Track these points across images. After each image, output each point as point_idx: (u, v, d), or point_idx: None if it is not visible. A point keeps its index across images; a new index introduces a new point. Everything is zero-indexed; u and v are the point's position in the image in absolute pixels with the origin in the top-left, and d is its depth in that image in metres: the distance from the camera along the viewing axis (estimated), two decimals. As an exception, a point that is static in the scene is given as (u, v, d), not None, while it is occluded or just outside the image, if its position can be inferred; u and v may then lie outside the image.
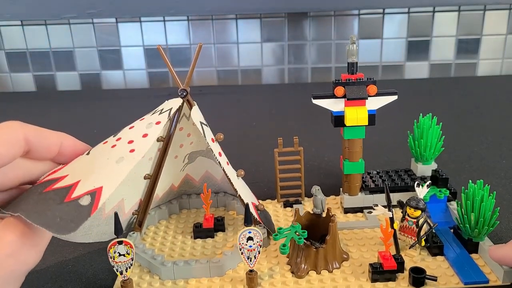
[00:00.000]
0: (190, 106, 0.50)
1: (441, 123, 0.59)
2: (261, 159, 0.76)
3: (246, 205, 0.46)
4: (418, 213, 0.49)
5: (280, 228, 0.49)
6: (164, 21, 1.22)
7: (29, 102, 1.20)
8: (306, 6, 1.17)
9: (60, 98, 1.23)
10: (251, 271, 0.46)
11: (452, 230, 0.53)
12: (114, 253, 0.43)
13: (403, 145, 0.65)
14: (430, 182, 0.53)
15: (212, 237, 0.55)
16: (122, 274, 0.44)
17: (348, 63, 0.54)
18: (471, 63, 1.26)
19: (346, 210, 0.59)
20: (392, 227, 0.48)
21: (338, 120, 0.55)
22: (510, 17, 1.21)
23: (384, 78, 1.26)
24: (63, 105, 1.17)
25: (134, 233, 0.53)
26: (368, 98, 0.54)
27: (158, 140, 0.51)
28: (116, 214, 0.44)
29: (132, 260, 0.44)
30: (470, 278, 0.45)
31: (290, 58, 1.25)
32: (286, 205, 0.61)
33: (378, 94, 0.54)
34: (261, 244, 0.45)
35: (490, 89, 1.16)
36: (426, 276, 0.45)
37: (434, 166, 0.60)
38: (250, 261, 0.45)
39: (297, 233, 0.48)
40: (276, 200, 0.62)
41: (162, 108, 0.48)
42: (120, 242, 0.43)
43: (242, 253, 0.45)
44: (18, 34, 1.23)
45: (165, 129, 0.51)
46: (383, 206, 0.50)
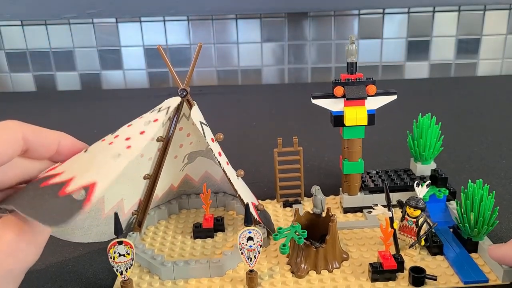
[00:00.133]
0: (190, 106, 0.50)
1: (440, 123, 0.60)
2: (261, 159, 0.76)
3: (246, 205, 0.46)
4: (418, 212, 0.50)
5: (280, 228, 0.49)
6: (164, 21, 1.22)
7: (29, 102, 1.20)
8: (306, 6, 1.17)
9: (60, 98, 1.23)
10: (251, 271, 0.46)
11: (451, 230, 0.53)
12: (114, 253, 0.43)
13: (403, 145, 0.65)
14: (429, 181, 0.53)
15: (211, 237, 0.55)
16: (122, 274, 0.44)
17: (347, 63, 0.54)
18: (471, 63, 1.26)
19: (346, 210, 0.59)
20: (391, 227, 0.48)
21: (338, 120, 0.55)
22: (510, 17, 1.21)
23: (384, 78, 1.26)
24: (63, 105, 1.17)
25: (133, 233, 0.53)
26: (367, 98, 0.54)
27: (157, 140, 0.51)
28: (116, 214, 0.44)
29: (132, 260, 0.44)
30: (469, 277, 0.45)
31: (290, 58, 1.25)
32: (286, 205, 0.61)
33: (377, 94, 0.54)
34: (261, 244, 0.45)
35: (490, 89, 1.16)
36: (426, 275, 0.45)
37: (433, 165, 0.60)
38: (250, 261, 0.45)
39: (297, 233, 0.48)
40: (275, 200, 0.62)
41: (160, 106, 0.48)
42: (120, 242, 0.43)
43: (242, 253, 0.45)
44: (18, 34, 1.23)
45: (164, 129, 0.51)
46: (383, 205, 0.50)
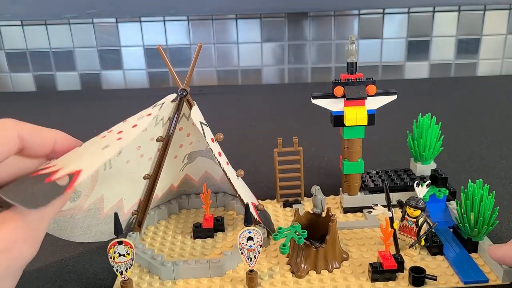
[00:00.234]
0: (190, 106, 0.50)
1: (440, 123, 0.60)
2: (261, 159, 0.76)
3: (246, 205, 0.46)
4: (418, 212, 0.50)
5: (280, 228, 0.49)
6: (164, 21, 1.22)
7: (29, 102, 1.20)
8: (306, 6, 1.17)
9: (60, 98, 1.23)
10: (251, 271, 0.46)
11: (451, 230, 0.53)
12: (114, 253, 0.43)
13: (403, 145, 0.65)
14: (429, 181, 0.53)
15: (211, 237, 0.55)
16: (122, 274, 0.44)
17: (347, 63, 0.54)
18: (471, 63, 1.26)
19: (346, 210, 0.59)
20: (391, 227, 0.48)
21: (338, 120, 0.55)
22: (510, 17, 1.21)
23: (384, 78, 1.26)
24: (63, 105, 1.17)
25: (133, 233, 0.53)
26: (367, 98, 0.54)
27: (157, 140, 0.51)
28: (116, 214, 0.44)
29: (132, 260, 0.44)
30: (469, 277, 0.45)
31: (290, 58, 1.25)
32: (286, 205, 0.61)
33: (377, 94, 0.54)
34: (261, 244, 0.45)
35: (490, 89, 1.16)
36: (426, 275, 0.45)
37: (433, 165, 0.60)
38: (250, 261, 0.45)
39: (297, 233, 0.48)
40: (275, 200, 0.62)
41: (156, 103, 0.48)
42: (120, 242, 0.43)
43: (242, 253, 0.45)
44: (18, 34, 1.23)
45: (164, 129, 0.51)
46: (383, 205, 0.50)
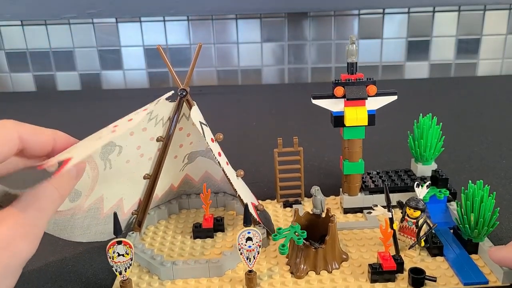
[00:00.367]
0: (190, 106, 0.50)
1: (441, 123, 0.59)
2: (261, 159, 0.76)
3: (245, 205, 0.46)
4: (418, 213, 0.49)
5: (279, 228, 0.48)
6: (164, 21, 1.22)
7: (29, 102, 1.20)
8: (306, 6, 1.17)
9: (60, 98, 1.23)
10: (250, 272, 0.45)
11: (452, 231, 0.53)
12: (113, 253, 0.43)
13: (403, 145, 0.65)
14: (429, 182, 0.53)
15: (211, 237, 0.55)
16: (121, 274, 0.44)
17: (347, 63, 0.54)
18: (471, 63, 1.26)
19: (346, 211, 0.59)
20: (391, 228, 0.48)
21: (338, 120, 0.55)
22: (510, 17, 1.21)
23: (384, 78, 1.26)
24: (63, 105, 1.17)
25: (133, 233, 0.53)
26: (367, 98, 0.54)
27: (157, 140, 0.51)
28: (115, 214, 0.44)
29: (131, 260, 0.44)
30: (469, 278, 0.45)
31: (290, 58, 1.25)
32: (286, 205, 0.61)
33: (377, 94, 0.54)
34: (260, 244, 0.45)
35: (490, 89, 1.16)
36: (426, 276, 0.45)
37: (434, 166, 0.60)
38: (249, 261, 0.45)
39: (296, 233, 0.48)
40: (276, 200, 0.62)
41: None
42: (119, 242, 0.43)
43: (241, 253, 0.45)
44: (18, 34, 1.23)
45: (164, 128, 0.51)
46: (383, 206, 0.50)
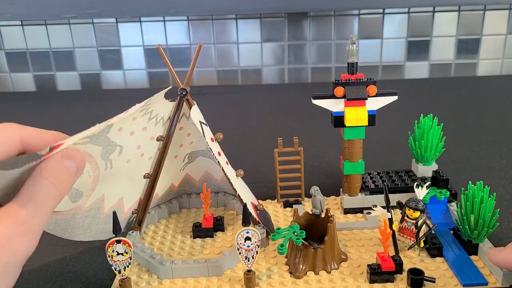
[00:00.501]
0: (190, 106, 0.50)
1: (441, 124, 0.59)
2: (261, 159, 0.76)
3: (244, 205, 0.46)
4: (417, 214, 0.49)
5: (278, 228, 0.48)
6: (164, 21, 1.22)
7: (29, 102, 1.20)
8: (306, 6, 1.17)
9: (60, 98, 1.23)
10: (249, 271, 0.45)
11: (452, 232, 0.53)
12: (113, 252, 0.44)
13: (403, 145, 0.65)
14: (429, 183, 0.53)
15: (211, 236, 0.55)
16: (120, 272, 0.44)
17: (348, 63, 0.54)
18: (471, 63, 1.26)
19: (346, 211, 0.59)
20: (390, 228, 0.48)
21: (338, 120, 0.55)
22: (510, 17, 1.21)
23: (384, 78, 1.26)
24: (63, 105, 1.17)
25: (133, 232, 0.53)
26: (368, 98, 0.54)
27: (158, 139, 0.51)
28: (114, 213, 0.44)
29: (130, 259, 0.44)
30: (469, 280, 0.45)
31: (290, 58, 1.25)
32: (286, 205, 0.61)
33: (378, 95, 0.54)
34: (259, 244, 0.45)
35: (490, 89, 1.16)
36: (425, 277, 0.45)
37: (434, 167, 0.60)
38: (248, 261, 0.45)
39: (295, 233, 0.48)
40: (276, 200, 0.62)
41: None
42: (118, 241, 0.43)
43: (240, 253, 0.45)
44: (18, 34, 1.23)
45: (164, 128, 0.51)
46: (382, 207, 0.50)
